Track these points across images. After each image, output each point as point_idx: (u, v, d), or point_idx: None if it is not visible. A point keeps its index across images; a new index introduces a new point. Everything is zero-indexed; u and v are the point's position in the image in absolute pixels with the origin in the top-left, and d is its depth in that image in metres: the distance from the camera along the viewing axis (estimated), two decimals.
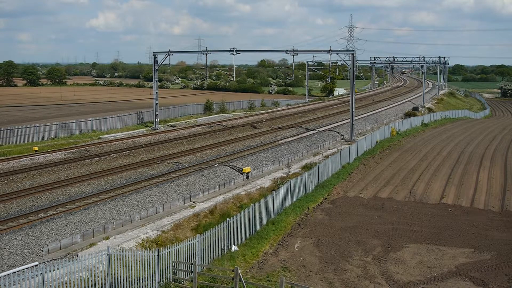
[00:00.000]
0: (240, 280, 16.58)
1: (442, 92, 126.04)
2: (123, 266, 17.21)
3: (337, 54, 52.09)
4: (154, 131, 51.94)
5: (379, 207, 29.41)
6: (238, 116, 66.72)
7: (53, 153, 37.72)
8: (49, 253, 21.14)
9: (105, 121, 55.24)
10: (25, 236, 21.30)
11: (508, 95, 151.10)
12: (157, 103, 57.19)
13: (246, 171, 35.03)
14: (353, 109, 51.35)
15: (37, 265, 19.03)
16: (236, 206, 28.07)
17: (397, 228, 25.47)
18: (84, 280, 16.66)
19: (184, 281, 18.35)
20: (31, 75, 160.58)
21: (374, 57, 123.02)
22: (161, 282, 18.00)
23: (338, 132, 53.73)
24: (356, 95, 72.88)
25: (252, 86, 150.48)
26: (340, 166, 38.27)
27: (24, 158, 35.73)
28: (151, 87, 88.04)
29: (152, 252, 17.87)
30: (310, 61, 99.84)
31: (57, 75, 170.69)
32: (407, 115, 73.81)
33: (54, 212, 24.79)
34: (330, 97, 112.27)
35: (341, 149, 41.65)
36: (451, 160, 43.48)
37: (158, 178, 32.17)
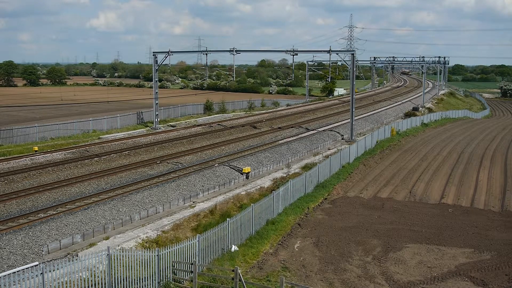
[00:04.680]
0: (240, 280, 16.58)
1: (442, 92, 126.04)
2: (123, 266, 17.21)
3: (337, 54, 52.08)
4: (154, 131, 51.94)
5: (379, 207, 29.41)
6: (238, 116, 66.71)
7: (53, 153, 37.72)
8: (49, 253, 21.15)
9: (105, 121, 55.24)
10: (25, 236, 21.30)
11: (508, 95, 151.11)
12: (157, 103, 57.18)
13: (246, 171, 35.02)
14: (353, 109, 51.34)
15: (37, 265, 19.03)
16: (236, 206, 28.06)
17: (397, 228, 25.46)
18: (84, 280, 16.66)
19: (184, 281, 18.35)
20: (31, 75, 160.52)
21: (374, 57, 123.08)
22: (161, 282, 18.00)
23: (338, 132, 53.73)
24: (356, 95, 72.90)
25: (252, 86, 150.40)
26: (340, 166, 38.26)
27: (24, 158, 35.73)
28: (151, 87, 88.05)
29: (152, 252, 17.86)
30: (310, 61, 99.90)
31: (57, 75, 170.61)
32: (407, 115, 73.80)
33: (54, 212, 24.79)
34: (330, 97, 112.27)
35: (341, 149, 41.64)
36: (451, 160, 43.47)
37: (158, 178, 32.16)
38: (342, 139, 52.18)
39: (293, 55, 52.26)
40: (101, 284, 16.77)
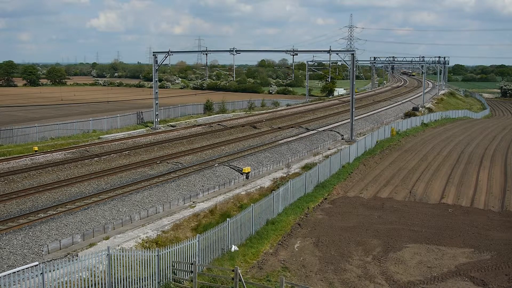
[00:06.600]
0: (240, 280, 16.57)
1: (442, 92, 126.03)
2: (123, 266, 17.21)
3: (337, 54, 52.09)
4: (154, 131, 51.94)
5: (379, 207, 29.41)
6: (238, 116, 66.70)
7: (53, 153, 37.72)
8: (49, 253, 21.15)
9: (105, 121, 55.24)
10: (25, 236, 21.30)
11: (508, 95, 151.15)
12: (157, 103, 57.18)
13: (246, 171, 35.02)
14: (353, 109, 51.34)
15: (37, 265, 19.04)
16: (236, 206, 28.06)
17: (397, 228, 25.46)
18: (84, 280, 16.66)
19: (184, 281, 18.35)
20: (31, 75, 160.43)
21: (374, 57, 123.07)
22: (161, 282, 18.00)
23: (338, 132, 53.73)
24: (356, 95, 72.83)
25: (252, 86, 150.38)
26: (340, 166, 38.25)
27: (24, 158, 35.73)
28: (151, 87, 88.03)
29: (152, 252, 17.87)
30: (310, 61, 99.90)
31: (57, 75, 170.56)
32: (407, 115, 73.78)
33: (54, 212, 24.79)
34: (330, 97, 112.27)
35: (341, 149, 41.64)
36: (451, 160, 43.47)
37: (158, 178, 32.16)
38: (342, 139, 52.18)
39: (293, 55, 52.24)
40: (101, 284, 16.77)
